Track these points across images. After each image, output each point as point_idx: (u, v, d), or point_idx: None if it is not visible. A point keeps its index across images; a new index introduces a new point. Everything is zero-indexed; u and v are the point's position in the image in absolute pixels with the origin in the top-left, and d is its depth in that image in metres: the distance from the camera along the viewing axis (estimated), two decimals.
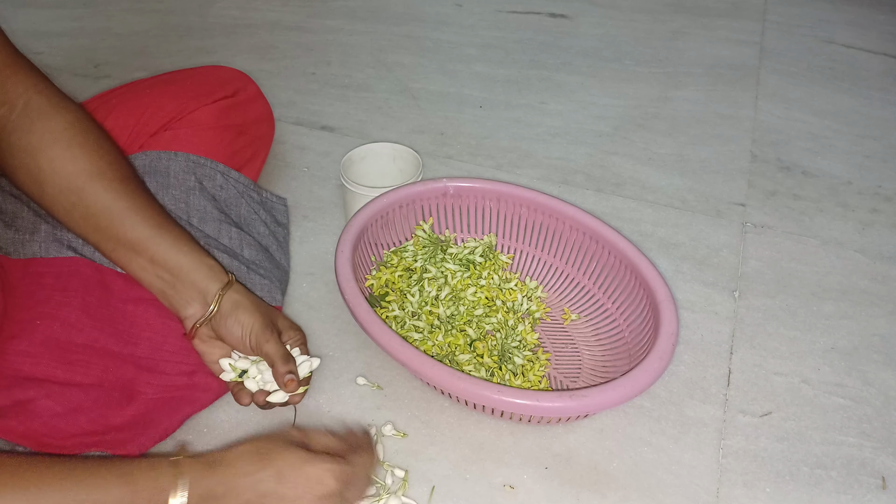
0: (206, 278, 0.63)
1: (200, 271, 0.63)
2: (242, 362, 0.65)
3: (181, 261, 0.63)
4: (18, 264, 0.67)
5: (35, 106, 0.61)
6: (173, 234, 0.63)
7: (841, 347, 0.78)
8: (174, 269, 0.63)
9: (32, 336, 0.61)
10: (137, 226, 0.62)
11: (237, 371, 0.65)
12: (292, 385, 0.62)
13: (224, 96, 0.84)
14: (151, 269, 0.63)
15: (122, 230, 0.62)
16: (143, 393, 0.64)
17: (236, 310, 0.63)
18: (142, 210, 0.63)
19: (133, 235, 0.62)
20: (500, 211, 0.82)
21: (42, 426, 0.57)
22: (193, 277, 0.63)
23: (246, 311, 0.63)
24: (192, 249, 0.64)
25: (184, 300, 0.64)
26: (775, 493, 0.63)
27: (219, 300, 0.63)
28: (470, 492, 0.62)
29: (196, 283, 0.63)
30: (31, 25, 1.44)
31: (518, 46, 1.40)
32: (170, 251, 0.62)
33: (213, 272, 0.64)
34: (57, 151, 0.60)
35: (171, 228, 0.64)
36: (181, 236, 0.64)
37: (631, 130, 1.14)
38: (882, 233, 0.94)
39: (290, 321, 0.68)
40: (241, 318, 0.63)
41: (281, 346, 0.63)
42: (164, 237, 0.63)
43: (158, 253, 0.62)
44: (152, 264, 0.63)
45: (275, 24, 1.46)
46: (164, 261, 0.62)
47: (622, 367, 0.69)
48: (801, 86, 1.27)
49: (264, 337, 0.62)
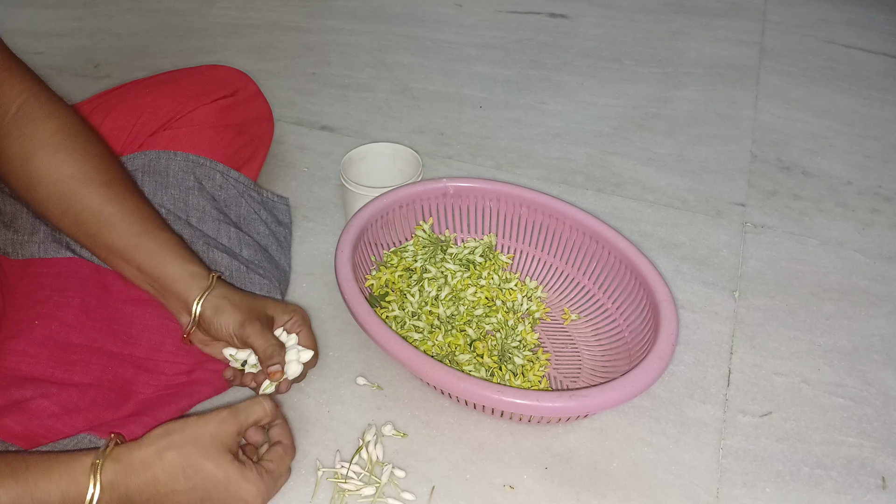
0: (187, 289, 0.63)
1: (183, 281, 0.63)
2: (241, 353, 0.67)
3: (165, 270, 0.63)
4: (17, 265, 0.67)
5: (26, 111, 0.61)
6: (157, 241, 0.63)
7: (841, 347, 0.78)
8: (160, 279, 0.63)
9: (31, 336, 0.61)
10: (123, 234, 0.62)
11: (239, 362, 0.67)
12: (277, 376, 0.63)
13: (223, 96, 0.84)
14: (141, 277, 0.64)
15: (110, 238, 0.62)
16: (141, 393, 0.64)
17: (217, 314, 0.63)
18: (127, 216, 0.63)
19: (120, 244, 0.63)
20: (500, 211, 0.82)
21: (39, 426, 0.57)
22: (176, 288, 0.63)
23: (225, 312, 0.63)
24: (175, 257, 0.64)
25: (174, 310, 0.65)
26: (775, 493, 0.63)
27: (198, 307, 0.63)
28: (470, 492, 0.62)
29: (179, 293, 0.63)
30: (31, 25, 1.44)
31: (518, 46, 1.40)
32: (153, 260, 0.63)
33: (195, 280, 0.64)
34: (45, 157, 0.61)
35: (156, 234, 0.64)
36: (166, 242, 0.64)
37: (631, 130, 1.14)
38: (882, 233, 0.94)
39: (285, 305, 0.68)
40: (223, 321, 0.63)
41: (265, 337, 0.63)
42: (148, 245, 0.63)
43: (144, 262, 0.63)
44: (141, 273, 0.64)
45: (275, 24, 1.46)
46: (150, 270, 0.63)
47: (622, 367, 0.69)
48: (801, 86, 1.27)
49: (245, 332, 0.63)
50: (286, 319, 0.67)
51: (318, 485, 0.62)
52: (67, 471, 0.49)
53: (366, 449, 0.64)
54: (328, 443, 0.65)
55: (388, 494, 0.61)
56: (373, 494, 0.61)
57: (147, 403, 0.63)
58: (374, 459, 0.63)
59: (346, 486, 0.61)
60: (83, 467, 0.49)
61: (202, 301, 0.63)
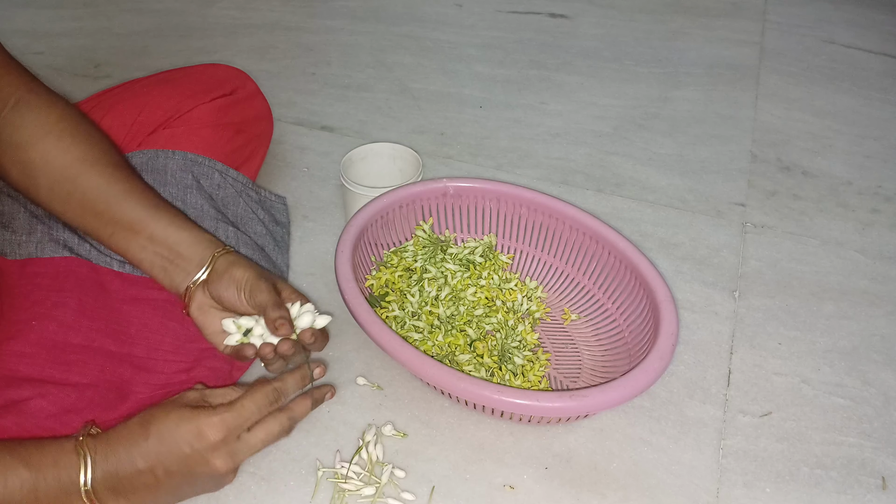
0: (205, 248, 0.63)
1: (201, 243, 0.63)
2: (246, 320, 0.63)
3: (180, 236, 0.63)
4: (15, 265, 0.67)
5: (25, 102, 0.61)
6: (171, 213, 0.64)
7: (841, 347, 0.78)
8: (174, 244, 0.63)
9: (28, 336, 0.61)
10: (135, 206, 0.62)
11: (241, 329, 0.63)
12: (284, 329, 0.60)
13: (222, 94, 0.84)
14: (151, 246, 0.63)
15: (120, 212, 0.62)
16: (139, 393, 0.64)
17: (230, 267, 0.62)
18: (137, 192, 0.63)
19: (132, 216, 0.62)
20: (500, 211, 0.82)
21: (36, 427, 0.57)
22: (194, 249, 0.63)
23: (240, 267, 0.62)
24: (190, 226, 0.64)
25: (184, 272, 0.63)
26: (775, 493, 0.63)
27: (213, 262, 0.63)
28: (470, 492, 0.62)
29: (196, 253, 0.63)
30: (31, 25, 1.44)
31: (518, 46, 1.40)
32: (169, 228, 0.63)
33: (212, 243, 0.64)
34: (49, 144, 0.61)
35: (168, 208, 0.64)
36: (178, 214, 0.65)
37: (631, 130, 1.14)
38: (882, 233, 0.94)
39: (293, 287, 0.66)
40: (235, 274, 0.62)
41: (274, 294, 0.61)
42: (161, 215, 0.63)
43: (158, 230, 0.63)
44: (151, 242, 0.63)
45: (275, 24, 1.46)
46: (164, 237, 0.63)
47: (622, 367, 0.69)
48: (801, 86, 1.27)
49: (257, 286, 0.61)
50: (292, 294, 0.64)
51: (318, 485, 0.62)
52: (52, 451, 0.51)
53: (366, 449, 0.64)
54: (328, 443, 0.65)
55: (388, 494, 0.61)
56: (373, 494, 0.61)
57: (146, 403, 0.63)
58: (374, 459, 0.63)
59: (346, 486, 0.61)
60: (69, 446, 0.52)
61: (219, 256, 0.63)
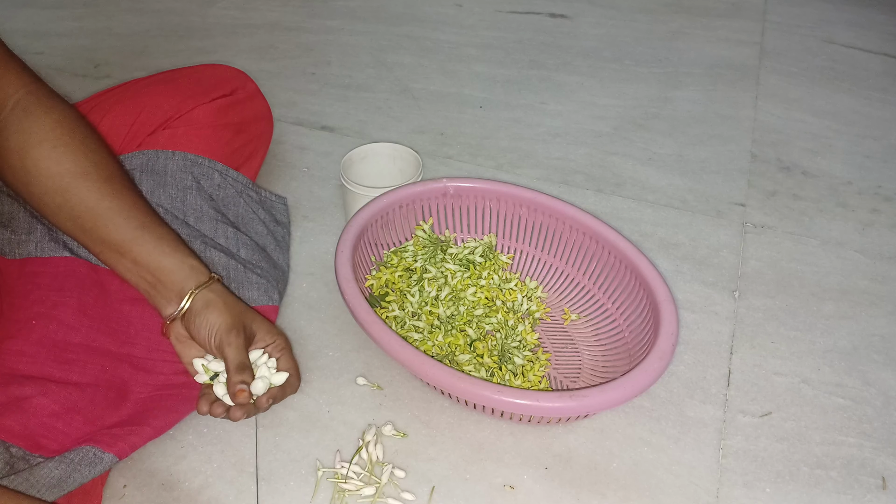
0: (184, 279, 0.62)
1: (182, 272, 0.62)
2: (216, 364, 0.63)
3: (163, 262, 0.62)
4: (14, 264, 0.67)
5: (23, 106, 0.61)
6: (156, 235, 0.63)
7: (841, 347, 0.78)
8: (156, 270, 0.62)
9: (28, 336, 0.61)
10: (121, 227, 0.61)
11: (209, 373, 0.63)
12: (241, 396, 0.59)
13: (222, 95, 0.84)
14: (136, 270, 0.62)
15: (107, 231, 0.61)
16: (139, 392, 0.64)
17: (206, 308, 0.62)
18: (126, 211, 0.62)
19: (117, 237, 0.61)
20: (500, 211, 0.82)
21: (38, 425, 0.57)
22: (173, 278, 0.62)
23: (216, 310, 0.62)
24: (174, 250, 0.63)
25: (165, 300, 0.63)
26: (775, 493, 0.63)
27: (191, 297, 0.62)
28: (470, 492, 0.62)
29: (176, 283, 0.62)
30: (31, 25, 1.44)
31: (518, 46, 1.40)
32: (152, 253, 0.62)
33: (194, 272, 0.63)
34: (43, 152, 0.60)
35: (154, 229, 0.63)
36: (165, 237, 0.63)
37: (631, 130, 1.14)
38: (882, 233, 0.94)
39: (271, 326, 0.66)
40: (209, 317, 0.61)
41: (241, 352, 0.61)
42: (147, 238, 0.62)
43: (141, 255, 0.62)
44: (136, 265, 0.62)
45: (275, 24, 1.46)
46: (147, 262, 0.62)
47: (622, 367, 0.69)
48: (801, 86, 1.27)
49: (227, 339, 0.61)
50: (269, 342, 0.65)
51: (318, 485, 0.62)
52: None
53: (366, 449, 0.64)
54: (328, 443, 0.65)
55: (388, 494, 0.61)
56: (373, 494, 0.61)
57: (146, 404, 0.63)
58: (374, 459, 0.63)
59: (346, 486, 0.61)
60: None
61: (197, 292, 0.62)
